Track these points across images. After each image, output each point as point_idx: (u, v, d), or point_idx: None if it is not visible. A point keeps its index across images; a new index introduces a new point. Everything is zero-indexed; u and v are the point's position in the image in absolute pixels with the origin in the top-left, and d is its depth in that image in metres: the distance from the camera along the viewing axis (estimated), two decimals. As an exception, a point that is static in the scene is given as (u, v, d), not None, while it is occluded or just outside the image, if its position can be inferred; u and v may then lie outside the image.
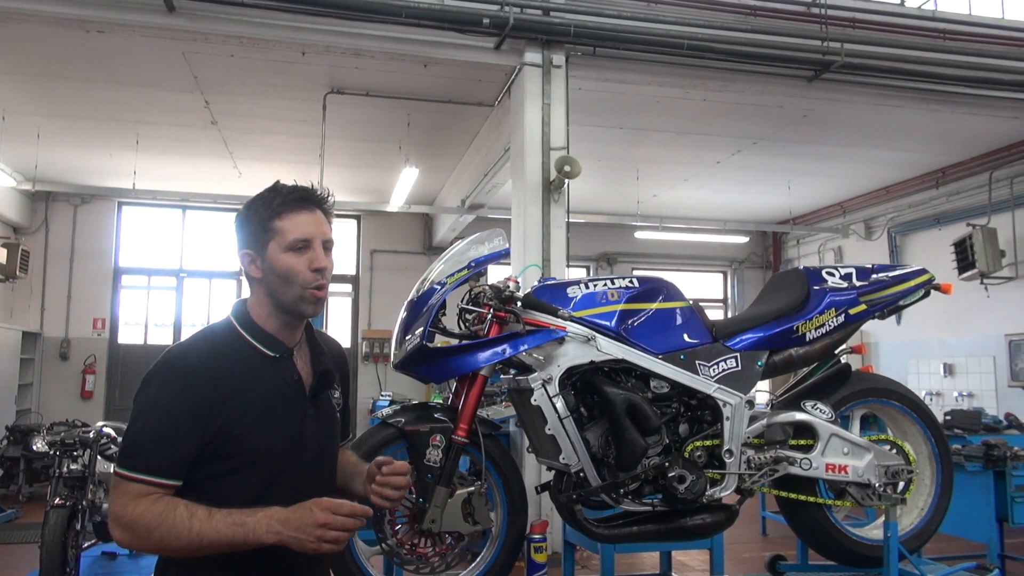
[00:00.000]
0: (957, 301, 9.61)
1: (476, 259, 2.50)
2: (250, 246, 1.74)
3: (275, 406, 1.69)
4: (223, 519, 1.55)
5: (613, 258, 13.13)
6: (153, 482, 1.57)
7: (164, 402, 1.61)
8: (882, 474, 2.68)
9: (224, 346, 1.71)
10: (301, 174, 8.17)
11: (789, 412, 2.69)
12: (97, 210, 11.43)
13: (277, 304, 1.74)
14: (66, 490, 5.12)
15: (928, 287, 2.86)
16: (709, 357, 2.61)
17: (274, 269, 1.71)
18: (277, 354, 1.73)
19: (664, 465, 2.48)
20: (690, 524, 2.55)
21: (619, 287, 2.58)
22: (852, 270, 2.82)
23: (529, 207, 6.60)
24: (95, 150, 9.43)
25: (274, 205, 1.73)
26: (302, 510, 1.58)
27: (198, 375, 1.63)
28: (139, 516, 1.54)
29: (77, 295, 11.24)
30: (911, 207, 10.76)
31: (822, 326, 2.68)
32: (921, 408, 2.87)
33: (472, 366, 2.42)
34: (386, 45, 6.49)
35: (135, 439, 1.61)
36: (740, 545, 7.06)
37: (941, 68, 7.35)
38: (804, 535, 2.84)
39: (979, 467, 4.70)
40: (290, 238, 1.70)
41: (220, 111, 8.12)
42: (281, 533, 1.55)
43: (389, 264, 12.26)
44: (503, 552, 2.53)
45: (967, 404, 9.45)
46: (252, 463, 1.65)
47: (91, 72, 7.13)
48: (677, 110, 7.92)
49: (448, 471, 2.39)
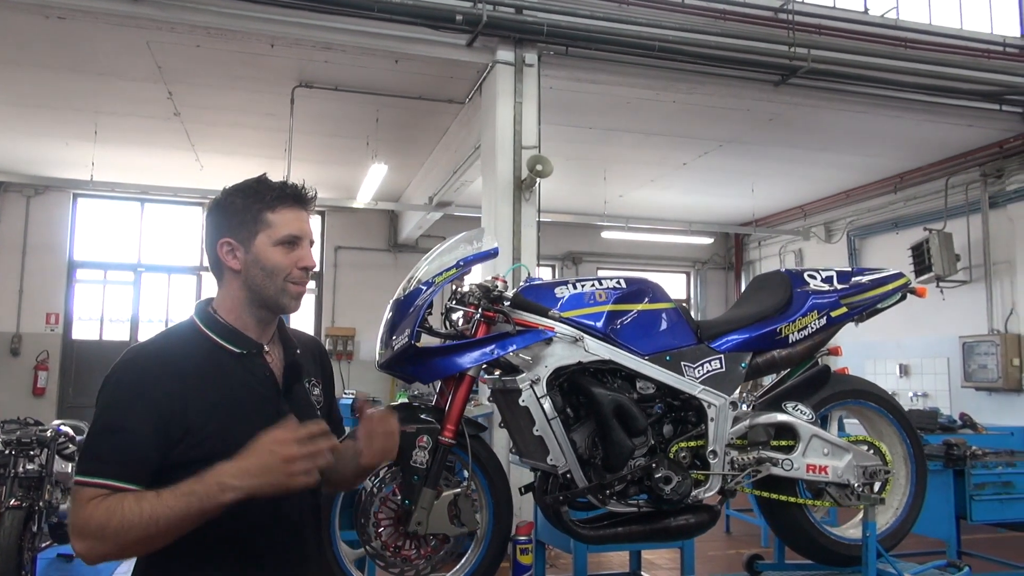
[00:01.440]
0: (913, 304, 9.76)
1: (464, 258, 2.46)
2: (232, 236, 1.68)
3: (245, 405, 1.63)
4: (171, 494, 1.46)
5: (579, 257, 13.18)
6: (110, 486, 1.49)
7: (123, 404, 1.54)
8: (860, 474, 2.73)
9: (187, 345, 1.64)
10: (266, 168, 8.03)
11: (771, 413, 2.72)
12: (51, 201, 11.10)
13: (255, 297, 1.68)
14: (22, 491, 4.95)
15: (905, 290, 2.92)
16: (694, 358, 2.62)
17: (259, 262, 1.67)
18: (244, 351, 1.67)
19: (650, 466, 2.49)
20: (674, 525, 2.56)
21: (606, 288, 2.58)
22: (833, 273, 2.86)
23: (500, 205, 6.58)
24: (51, 139, 9.15)
25: (268, 198, 1.69)
26: (259, 454, 1.47)
27: (160, 375, 1.56)
28: (88, 517, 1.47)
29: (29, 289, 10.89)
30: (870, 211, 11.00)
31: (805, 328, 2.71)
32: (897, 409, 2.93)
33: (460, 367, 2.39)
34: (357, 39, 6.42)
35: (93, 443, 1.54)
36: (705, 543, 7.13)
37: (902, 76, 7.54)
38: (784, 535, 2.88)
39: (939, 466, 4.80)
40: (282, 233, 1.68)
41: (184, 102, 7.94)
42: (240, 487, 1.46)
43: (354, 261, 12.13)
44: (488, 554, 2.51)
45: (922, 404, 9.71)
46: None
47: (49, 59, 6.91)
48: (647, 111, 7.97)
49: (434, 472, 2.36)
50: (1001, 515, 4.93)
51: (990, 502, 4.85)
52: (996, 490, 4.88)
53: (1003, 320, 9.04)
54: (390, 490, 2.42)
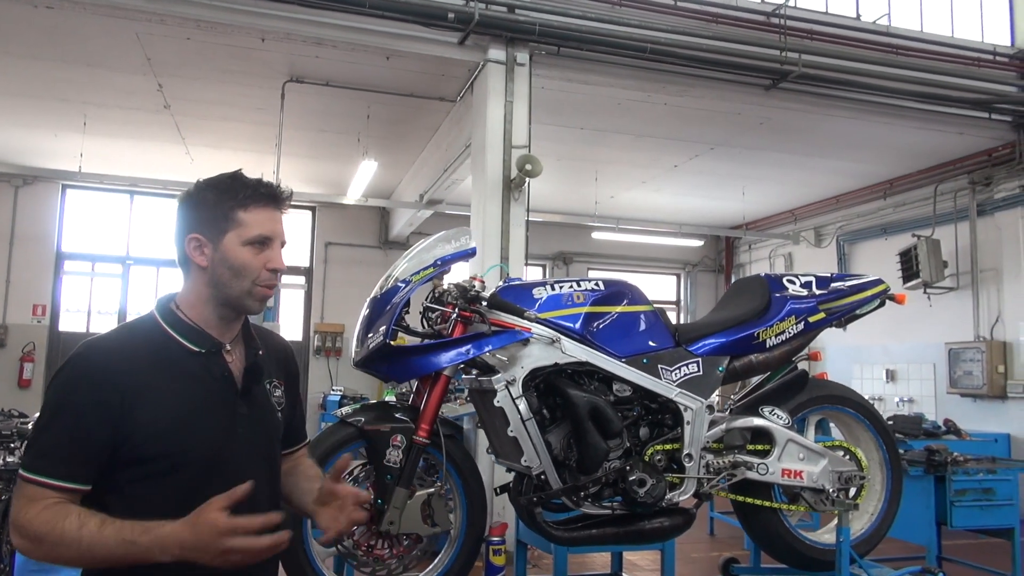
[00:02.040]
0: (900, 310, 9.80)
1: (442, 257, 2.46)
2: (201, 231, 1.64)
3: (199, 404, 1.59)
4: (114, 535, 1.42)
5: (569, 258, 13.18)
6: (53, 485, 1.45)
7: (71, 400, 1.50)
8: (836, 480, 2.73)
9: (143, 340, 1.60)
10: (256, 163, 7.99)
11: (747, 417, 2.72)
12: (39, 192, 11.02)
13: (219, 296, 1.65)
14: (1, 483, 4.92)
15: (884, 297, 2.93)
16: (671, 361, 2.62)
17: (227, 260, 1.63)
18: (203, 349, 1.63)
19: (625, 469, 2.49)
20: (648, 527, 2.56)
21: (584, 289, 2.58)
22: (812, 278, 2.86)
23: (489, 204, 6.57)
24: (39, 130, 9.08)
25: (241, 196, 1.64)
26: (200, 532, 1.42)
27: (110, 371, 1.52)
28: (28, 521, 1.43)
29: (16, 280, 10.82)
30: (859, 216, 11.03)
31: (782, 333, 2.72)
32: (874, 416, 2.94)
33: (435, 366, 2.39)
34: (348, 35, 6.39)
35: (37, 439, 1.50)
36: (688, 545, 7.14)
37: (893, 82, 7.56)
38: (758, 539, 2.88)
39: (921, 471, 4.83)
40: (253, 232, 1.64)
41: (174, 95, 7.89)
42: (180, 556, 1.43)
43: (344, 257, 12.09)
44: (461, 554, 2.50)
45: (908, 409, 9.74)
46: (175, 466, 1.54)
47: (37, 49, 6.85)
48: (638, 113, 7.97)
49: (408, 472, 2.36)
50: (981, 521, 4.96)
51: (971, 508, 4.88)
52: (977, 496, 4.91)
53: (989, 327, 9.08)
54: (363, 488, 2.41)
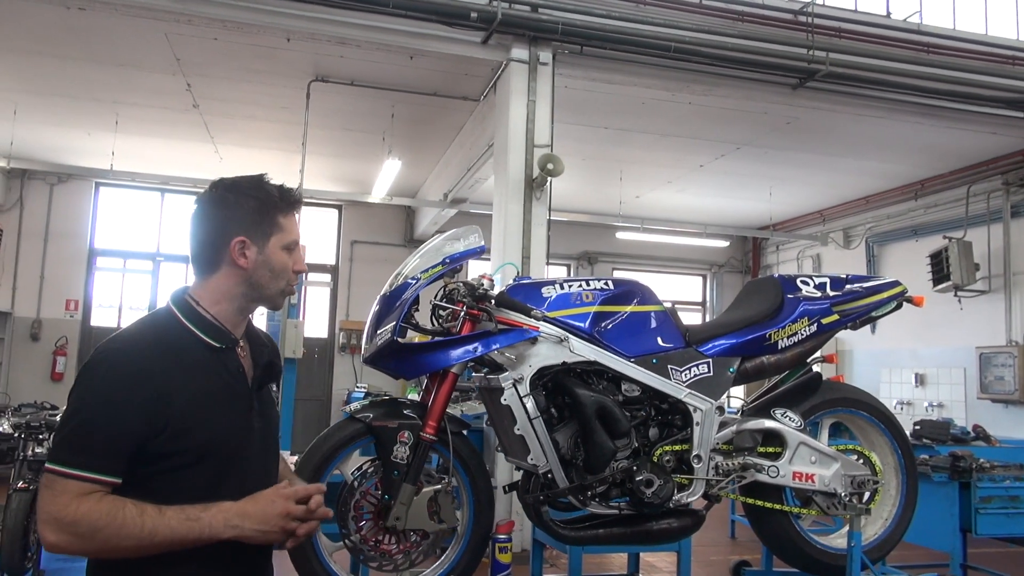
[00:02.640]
0: (930, 313, 9.72)
1: (451, 255, 2.47)
2: (247, 234, 1.70)
3: (221, 398, 1.65)
4: (176, 515, 1.50)
5: (594, 257, 13.14)
6: (96, 479, 1.49)
7: (107, 395, 1.53)
8: (848, 484, 2.70)
9: (168, 337, 1.64)
10: (283, 161, 8.08)
11: (759, 419, 2.70)
12: (74, 190, 11.26)
13: (253, 294, 1.73)
14: (30, 474, 5.04)
15: (901, 299, 2.88)
16: (681, 362, 2.60)
17: (269, 263, 1.72)
18: (222, 345, 1.68)
19: (632, 469, 2.48)
20: (656, 528, 2.55)
21: (594, 288, 2.57)
22: (826, 280, 2.83)
23: (511, 204, 6.58)
24: (73, 129, 9.28)
25: (283, 202, 1.76)
26: (263, 501, 1.56)
27: (144, 367, 1.56)
28: (84, 515, 1.46)
29: (50, 275, 11.07)
30: (889, 218, 10.86)
31: (795, 335, 2.69)
32: (889, 419, 2.89)
33: (443, 363, 2.40)
34: (372, 35, 6.44)
35: (76, 433, 1.52)
36: (708, 548, 7.09)
37: (924, 81, 7.43)
38: (769, 542, 2.86)
39: (945, 477, 4.75)
40: (290, 238, 1.76)
41: (202, 94, 8.02)
42: (240, 527, 1.52)
43: (369, 255, 12.19)
44: (468, 551, 2.51)
45: (937, 414, 9.57)
46: (201, 457, 1.59)
47: (71, 50, 7.01)
48: (662, 112, 7.93)
49: (415, 468, 2.37)
50: (1007, 529, 4.86)
51: (996, 516, 4.78)
52: (1003, 504, 4.81)
53: (1021, 331, 8.89)
54: (371, 484, 2.43)
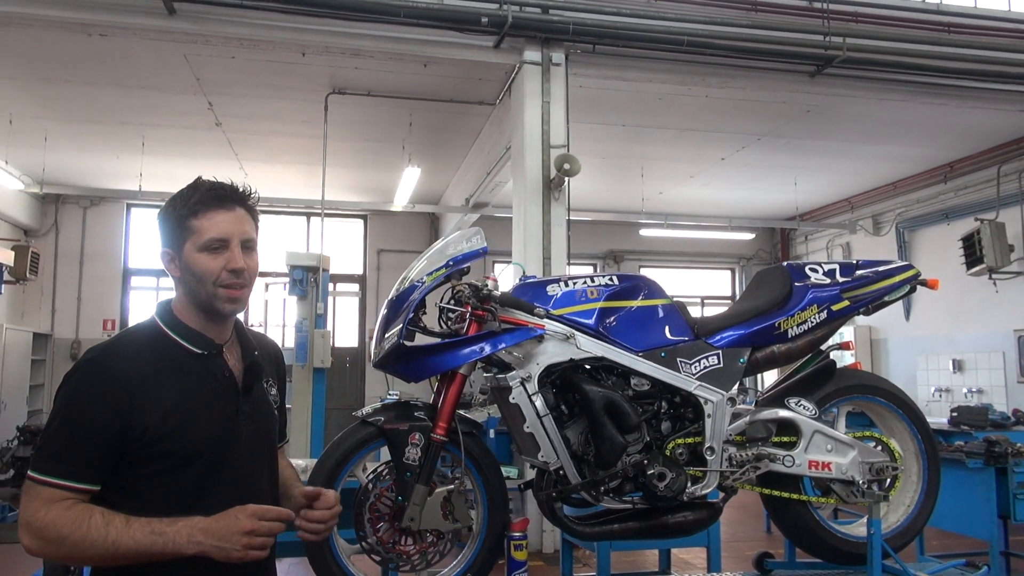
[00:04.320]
0: (965, 297, 9.54)
1: (454, 257, 2.49)
2: (168, 244, 1.71)
3: (204, 403, 1.66)
4: (141, 528, 1.51)
5: (620, 256, 13.11)
6: (67, 487, 1.52)
7: (82, 403, 1.56)
8: (866, 471, 2.66)
9: (148, 344, 1.67)
10: (306, 174, 8.22)
11: (772, 409, 2.67)
12: (106, 212, 11.55)
13: (195, 302, 1.71)
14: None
15: (914, 283, 2.84)
16: (690, 354, 2.59)
17: (189, 268, 1.68)
18: (204, 351, 1.70)
19: (644, 463, 2.48)
20: (672, 521, 2.54)
21: (599, 285, 2.58)
22: (836, 266, 2.79)
23: (530, 205, 6.61)
24: (102, 153, 9.52)
25: (191, 203, 1.68)
26: (227, 518, 1.55)
27: (119, 374, 1.58)
28: (51, 522, 1.49)
29: (87, 296, 11.36)
30: (919, 202, 10.68)
31: (804, 323, 2.66)
32: (907, 405, 2.85)
33: (450, 364, 2.42)
34: (385, 45, 6.52)
35: (50, 441, 1.55)
36: (743, 543, 7.04)
37: (946, 61, 7.30)
38: (788, 532, 2.83)
39: (980, 463, 4.65)
40: (205, 238, 1.67)
41: (224, 113, 8.17)
42: (203, 544, 1.52)
43: (396, 263, 12.29)
44: (483, 550, 2.53)
45: (976, 400, 9.37)
46: (186, 461, 1.61)
47: (95, 75, 7.20)
48: (679, 107, 7.89)
49: (427, 469, 2.40)
50: (1049, 515, 4.74)
51: (1035, 501, 4.67)
52: (1043, 489, 4.70)
53: (1061, 312, 8.68)
54: (386, 486, 2.46)
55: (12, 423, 9.21)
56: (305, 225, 12.24)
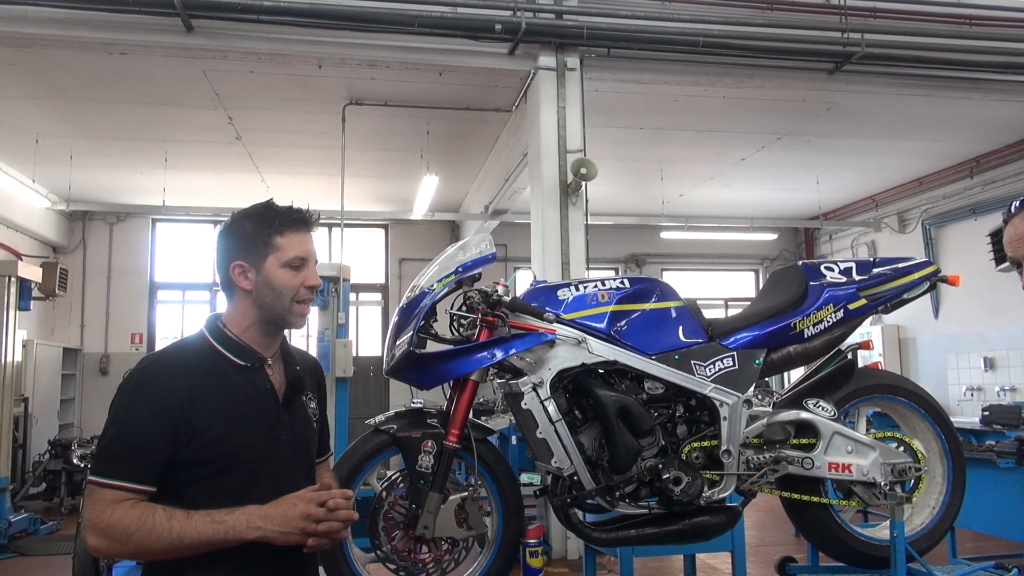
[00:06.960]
0: (995, 293, 9.35)
1: (463, 264, 2.50)
2: (243, 258, 1.81)
3: (246, 412, 1.74)
4: (202, 519, 1.60)
5: (642, 259, 13.04)
6: (128, 488, 1.62)
7: (137, 410, 1.66)
8: (888, 472, 2.61)
9: (196, 356, 1.77)
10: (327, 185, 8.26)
11: (790, 411, 2.64)
12: (132, 227, 11.72)
13: (264, 315, 1.82)
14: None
15: (934, 279, 2.79)
16: (705, 357, 2.57)
17: (269, 282, 1.79)
18: (248, 363, 1.79)
19: (658, 467, 2.45)
20: (689, 526, 2.52)
21: (610, 288, 2.56)
22: (852, 264, 2.76)
23: (547, 210, 6.60)
24: (126, 169, 9.67)
25: (276, 223, 1.82)
26: (284, 504, 1.64)
27: (170, 383, 1.68)
28: (116, 521, 1.58)
29: (115, 311, 11.53)
30: (945, 198, 10.49)
31: (820, 322, 2.62)
32: (929, 404, 2.79)
33: (461, 371, 2.42)
34: (401, 55, 6.55)
35: (109, 446, 1.65)
36: (772, 548, 6.93)
37: (968, 55, 7.17)
38: (809, 536, 2.79)
39: (1012, 463, 4.54)
40: (289, 255, 1.80)
41: (244, 127, 8.26)
42: (263, 528, 1.61)
43: (417, 272, 12.04)
44: (499, 557, 2.52)
45: (1009, 399, 9.16)
46: (227, 468, 1.70)
47: (117, 93, 7.32)
48: (697, 108, 7.84)
49: (440, 477, 2.40)
50: (1083, 515, 4.62)
51: (1070, 501, 4.55)
52: (1077, 489, 4.57)
53: (1095, 307, 8.48)
54: (400, 494, 2.46)
55: (44, 437, 9.38)
56: (327, 236, 12.32)
